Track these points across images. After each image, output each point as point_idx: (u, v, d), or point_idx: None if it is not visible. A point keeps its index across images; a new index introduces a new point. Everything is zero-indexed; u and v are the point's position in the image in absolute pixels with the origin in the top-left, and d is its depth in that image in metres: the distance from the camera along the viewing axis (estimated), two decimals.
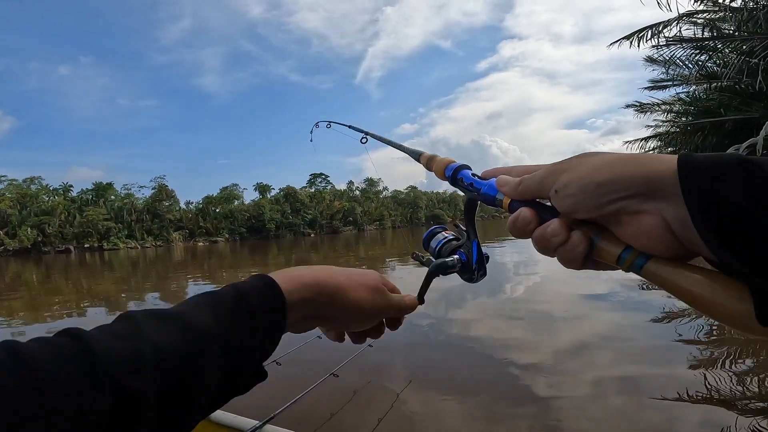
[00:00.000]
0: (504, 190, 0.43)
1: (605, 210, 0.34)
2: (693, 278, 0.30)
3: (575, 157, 0.37)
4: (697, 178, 0.29)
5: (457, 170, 0.51)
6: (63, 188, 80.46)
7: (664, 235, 0.31)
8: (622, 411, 3.27)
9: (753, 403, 3.36)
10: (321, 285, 0.46)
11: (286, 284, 0.44)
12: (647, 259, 0.33)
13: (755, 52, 8.20)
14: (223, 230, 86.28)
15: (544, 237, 0.37)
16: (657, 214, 0.31)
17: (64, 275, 21.41)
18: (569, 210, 0.36)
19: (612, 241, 0.35)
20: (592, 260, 0.37)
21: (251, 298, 0.41)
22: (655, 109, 16.89)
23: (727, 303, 0.29)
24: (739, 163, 0.28)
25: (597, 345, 4.92)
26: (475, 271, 0.51)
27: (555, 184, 0.37)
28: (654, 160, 0.32)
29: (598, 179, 0.34)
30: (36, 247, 66.68)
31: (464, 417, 3.34)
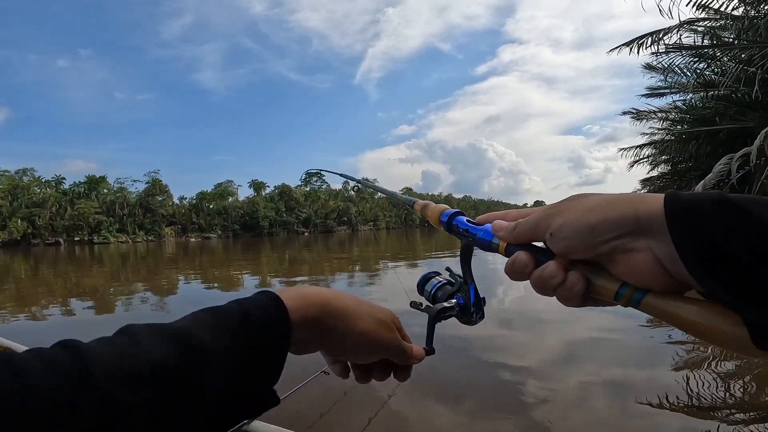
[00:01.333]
0: (500, 235, 0.44)
1: (599, 250, 0.35)
2: (690, 309, 0.32)
3: (567, 199, 0.39)
4: (681, 216, 0.31)
5: (452, 217, 0.53)
6: (55, 180, 79.63)
7: (657, 270, 0.33)
8: (607, 416, 3.31)
9: (736, 410, 3.37)
10: (327, 305, 0.45)
11: (291, 301, 0.43)
12: (645, 294, 0.34)
13: (754, 60, 8.24)
14: (216, 226, 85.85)
15: (542, 278, 0.39)
16: (648, 250, 0.33)
17: (53, 268, 21.14)
18: (565, 251, 0.38)
19: (608, 279, 0.36)
20: (590, 297, 0.38)
21: (254, 315, 0.40)
22: (651, 117, 16.98)
23: (724, 330, 0.30)
24: (719, 201, 0.30)
25: (586, 349, 4.97)
26: (473, 314, 0.52)
27: (549, 227, 0.38)
28: (642, 199, 0.34)
29: (591, 221, 0.35)
30: (25, 239, 65.92)
31: (453, 418, 3.36)
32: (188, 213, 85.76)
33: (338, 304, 0.46)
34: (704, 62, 11.99)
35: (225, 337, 0.38)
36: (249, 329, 0.39)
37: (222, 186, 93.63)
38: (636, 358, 4.61)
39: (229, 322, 0.39)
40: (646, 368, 4.32)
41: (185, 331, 0.37)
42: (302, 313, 0.43)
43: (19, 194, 70.25)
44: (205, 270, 16.89)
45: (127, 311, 8.28)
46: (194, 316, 0.39)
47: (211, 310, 0.40)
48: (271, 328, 0.40)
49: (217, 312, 0.40)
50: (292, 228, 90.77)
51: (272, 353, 0.40)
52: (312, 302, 0.44)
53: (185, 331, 0.37)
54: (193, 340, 0.36)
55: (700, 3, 10.14)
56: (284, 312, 0.41)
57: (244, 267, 17.38)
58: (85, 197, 77.03)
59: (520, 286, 8.95)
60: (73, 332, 6.01)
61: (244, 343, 0.38)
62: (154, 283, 13.02)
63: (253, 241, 58.80)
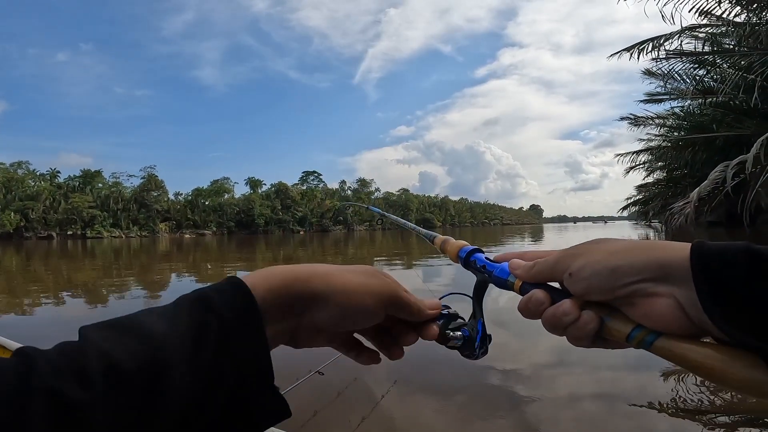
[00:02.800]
0: (517, 273, 0.45)
1: (619, 293, 0.36)
2: (703, 352, 0.33)
3: (588, 242, 0.40)
4: (707, 264, 0.32)
5: (470, 253, 0.54)
6: (50, 174, 79.08)
7: (677, 315, 0.34)
8: (597, 419, 3.36)
9: (724, 414, 3.38)
10: (292, 273, 0.41)
11: (252, 280, 0.39)
12: (657, 336, 0.35)
13: (753, 67, 8.24)
14: (211, 223, 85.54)
15: (555, 316, 0.39)
16: (670, 296, 0.34)
17: (44, 261, 20.94)
18: (583, 292, 0.38)
19: (623, 320, 0.37)
20: (601, 338, 0.39)
21: (213, 296, 0.37)
22: (649, 123, 17.05)
23: (740, 372, 0.31)
24: (746, 251, 0.31)
25: (578, 352, 4.99)
26: (477, 349, 0.52)
27: (569, 267, 0.39)
28: (667, 246, 0.35)
29: (614, 264, 0.36)
30: (18, 232, 65.38)
31: (446, 418, 3.39)
32: (183, 209, 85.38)
33: (306, 269, 0.42)
34: (704, 69, 12.00)
35: (182, 326, 0.34)
36: (209, 314, 0.35)
37: (218, 183, 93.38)
38: (626, 363, 4.62)
39: (187, 310, 0.36)
40: (636, 373, 4.34)
41: (138, 322, 0.34)
42: (267, 288, 0.39)
43: (13, 187, 69.76)
44: (198, 267, 16.77)
45: (117, 306, 8.18)
46: (148, 309, 0.37)
47: (167, 304, 0.38)
48: (234, 308, 0.36)
49: (173, 302, 0.37)
50: (287, 226, 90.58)
51: (244, 339, 0.36)
52: (274, 274, 0.41)
53: (138, 322, 0.34)
54: (146, 328, 0.33)
55: (702, 9, 10.15)
56: (247, 291, 0.38)
57: (239, 264, 17.27)
58: (80, 191, 76.59)
59: None
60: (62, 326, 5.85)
61: (206, 331, 0.34)
62: (147, 279, 12.90)
63: (248, 238, 58.57)
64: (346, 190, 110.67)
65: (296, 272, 0.42)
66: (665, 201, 21.61)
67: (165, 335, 0.33)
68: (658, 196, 25.47)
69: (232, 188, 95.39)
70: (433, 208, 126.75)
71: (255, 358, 0.36)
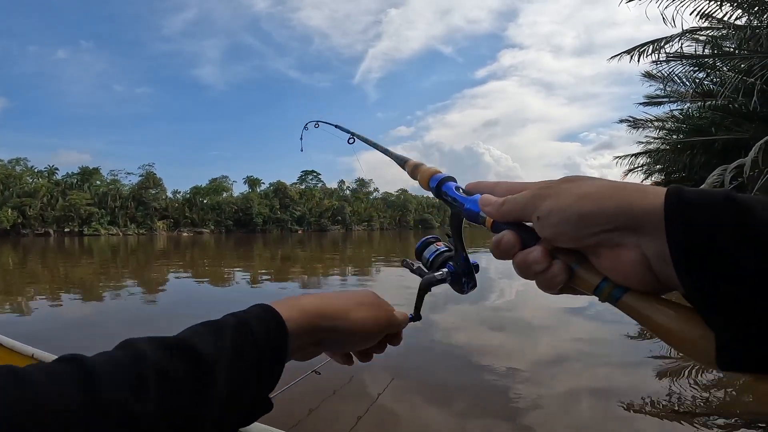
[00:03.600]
0: (487, 210, 0.42)
1: (586, 241, 0.34)
2: (666, 313, 0.31)
3: (560, 181, 0.37)
4: (682, 211, 0.29)
5: (442, 182, 0.51)
6: (48, 171, 78.79)
7: (641, 270, 0.32)
8: (591, 421, 3.37)
9: (716, 416, 3.41)
10: (320, 311, 0.48)
11: (286, 312, 0.45)
12: (624, 292, 0.33)
13: (753, 70, 8.25)
14: (209, 222, 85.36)
15: (525, 262, 0.38)
16: (637, 249, 0.31)
17: (40, 258, 20.85)
18: (550, 237, 0.36)
19: (591, 271, 0.35)
20: (569, 287, 0.37)
21: (254, 326, 0.42)
22: (648, 126, 17.07)
23: (695, 341, 0.29)
24: (726, 201, 0.28)
25: (573, 354, 5.02)
26: (465, 283, 0.52)
27: (537, 210, 0.36)
28: (641, 193, 0.32)
29: (581, 210, 0.33)
30: (15, 229, 65.14)
31: (441, 417, 3.41)
32: (181, 207, 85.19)
33: (328, 308, 0.49)
34: (704, 72, 12.02)
35: (226, 348, 0.39)
36: (249, 340, 0.41)
37: (217, 181, 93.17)
38: (621, 364, 4.63)
39: (229, 333, 0.40)
40: (631, 373, 4.36)
41: (189, 342, 0.38)
42: (298, 322, 0.45)
43: (11, 184, 69.47)
44: (195, 265, 16.71)
45: (114, 305, 8.14)
46: (193, 330, 0.41)
47: (210, 323, 0.42)
48: (270, 339, 0.42)
49: (215, 324, 0.42)
50: (285, 226, 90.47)
51: (272, 363, 0.42)
52: (306, 310, 0.47)
53: (189, 342, 0.38)
54: (196, 348, 0.37)
55: (703, 12, 10.16)
56: (282, 324, 0.44)
57: (237, 264, 17.21)
58: (78, 188, 76.30)
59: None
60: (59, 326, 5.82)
61: (245, 354, 0.40)
62: (144, 277, 12.86)
63: (246, 237, 58.52)
64: (344, 189, 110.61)
65: (324, 309, 0.48)
66: None
67: (211, 355, 0.38)
68: None
69: (230, 187, 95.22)
70: (431, 209, 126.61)
71: (272, 380, 0.43)
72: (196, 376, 0.35)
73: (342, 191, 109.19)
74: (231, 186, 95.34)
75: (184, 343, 0.37)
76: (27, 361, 2.30)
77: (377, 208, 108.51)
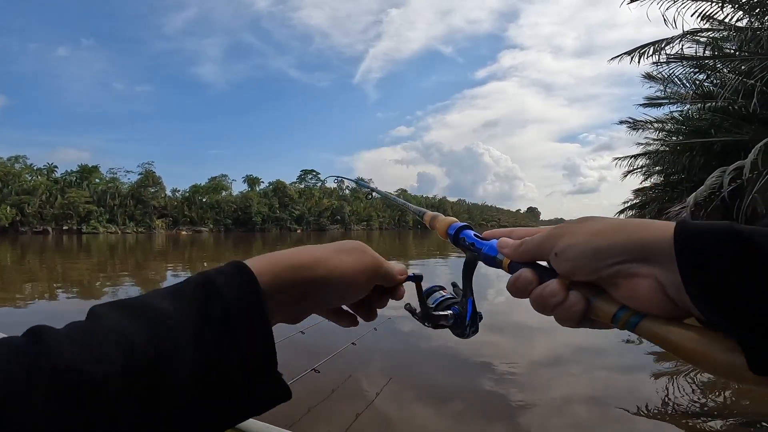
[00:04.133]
0: (505, 252, 0.45)
1: (603, 273, 0.36)
2: (685, 334, 0.33)
3: (574, 221, 0.40)
4: (689, 245, 0.31)
5: (460, 230, 0.55)
6: (47, 168, 78.64)
7: (659, 296, 0.34)
8: (587, 422, 3.40)
9: (712, 418, 3.44)
10: (296, 261, 0.44)
11: (258, 266, 0.40)
12: (641, 318, 0.35)
13: (754, 72, 8.26)
14: (208, 220, 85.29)
15: (543, 296, 0.39)
16: (651, 277, 0.34)
17: (39, 256, 20.82)
18: (568, 272, 0.38)
19: (608, 301, 0.37)
20: (588, 319, 0.39)
21: (217, 281, 0.37)
22: (648, 127, 17.06)
23: (719, 356, 0.31)
24: (729, 232, 0.30)
25: (569, 356, 5.06)
26: (467, 327, 0.53)
27: (555, 247, 0.39)
28: (650, 226, 0.35)
29: (596, 244, 0.36)
30: (13, 227, 65.02)
31: (438, 417, 3.45)
32: (180, 206, 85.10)
33: (305, 256, 0.45)
34: (704, 73, 12.01)
35: (190, 307, 0.35)
36: (213, 297, 0.36)
37: (216, 180, 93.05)
38: (617, 366, 4.65)
39: (192, 292, 0.36)
40: (627, 375, 4.39)
41: (147, 304, 0.35)
42: (271, 275, 0.40)
43: (10, 181, 69.29)
44: (194, 263, 16.69)
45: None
46: (153, 291, 0.37)
47: (173, 285, 0.38)
48: (239, 293, 0.37)
49: (177, 285, 0.38)
50: (284, 225, 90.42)
51: (248, 320, 0.36)
52: (279, 260, 0.43)
53: (147, 304, 0.35)
54: (156, 307, 0.34)
55: (705, 14, 10.17)
56: (252, 278, 0.38)
57: None
58: (77, 186, 76.17)
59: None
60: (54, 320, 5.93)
61: (210, 314, 0.35)
62: (142, 275, 12.84)
63: (245, 236, 58.51)
64: (344, 189, 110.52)
65: (300, 259, 0.44)
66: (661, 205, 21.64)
67: (172, 317, 0.34)
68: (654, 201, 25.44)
69: (230, 186, 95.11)
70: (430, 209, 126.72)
71: (258, 342, 0.36)
72: (157, 339, 0.32)
73: (341, 191, 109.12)
74: (230, 185, 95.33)
75: (144, 303, 0.35)
76: None
77: (376, 208, 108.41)
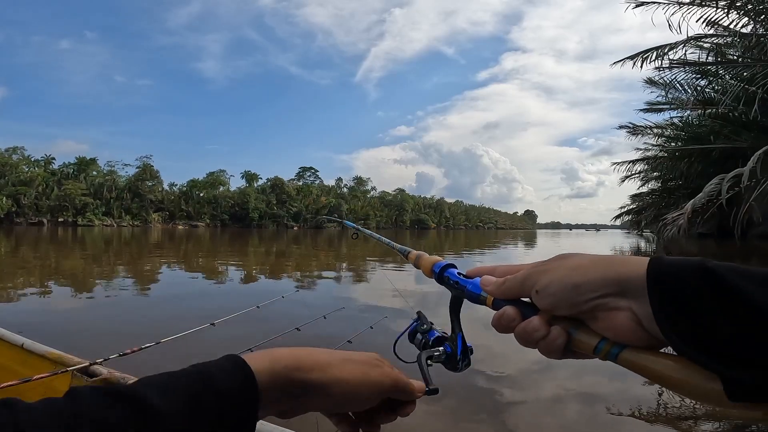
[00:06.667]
0: (488, 290, 0.47)
1: (582, 307, 0.38)
2: (665, 364, 0.35)
3: (554, 259, 0.42)
4: (662, 282, 0.34)
5: (444, 269, 0.55)
6: (45, 160, 78.22)
7: (636, 328, 0.36)
8: (577, 424, 3.42)
9: (700, 423, 3.45)
10: (296, 362, 0.43)
11: (256, 363, 0.40)
12: (621, 349, 0.37)
13: (756, 79, 8.22)
14: (204, 215, 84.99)
15: (526, 332, 0.41)
16: (628, 309, 0.36)
17: (33, 247, 20.67)
18: (549, 308, 0.40)
19: (588, 334, 0.39)
20: (571, 350, 0.41)
21: (215, 376, 0.37)
22: (647, 132, 17.05)
23: (698, 384, 0.33)
24: (699, 269, 0.32)
25: (560, 365, 5.07)
26: (459, 362, 0.54)
27: (536, 284, 0.41)
28: (625, 262, 0.37)
29: (575, 280, 0.38)
30: (8, 217, 64.64)
31: (433, 417, 3.47)
32: (177, 200, 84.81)
33: (306, 359, 0.44)
34: (706, 79, 11.97)
35: (178, 400, 0.35)
36: (209, 391, 0.36)
37: (214, 175, 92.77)
38: (608, 368, 4.61)
39: (185, 384, 0.36)
40: (618, 378, 4.38)
41: (131, 392, 0.34)
42: (270, 373, 0.41)
43: (7, 172, 68.89)
44: (189, 258, 16.60)
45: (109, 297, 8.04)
46: (146, 378, 0.37)
47: (167, 373, 0.37)
48: (234, 391, 0.37)
49: (171, 374, 0.37)
50: (281, 221, 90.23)
51: (239, 418, 0.37)
52: (278, 361, 0.42)
53: (131, 392, 0.34)
54: (138, 401, 0.33)
55: (710, 19, 10.11)
56: (250, 375, 0.39)
57: (231, 258, 17.09)
58: (74, 178, 75.79)
59: None
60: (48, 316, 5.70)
61: (202, 406, 0.35)
62: (134, 269, 12.74)
63: (241, 232, 58.28)
64: (342, 187, 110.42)
65: (300, 361, 0.43)
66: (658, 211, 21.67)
67: (157, 408, 0.33)
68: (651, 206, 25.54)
69: (227, 181, 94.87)
70: (428, 210, 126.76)
71: None
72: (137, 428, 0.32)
73: (339, 189, 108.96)
74: (228, 180, 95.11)
75: (128, 391, 0.34)
76: (17, 350, 2.26)
77: (374, 207, 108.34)
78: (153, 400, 0.34)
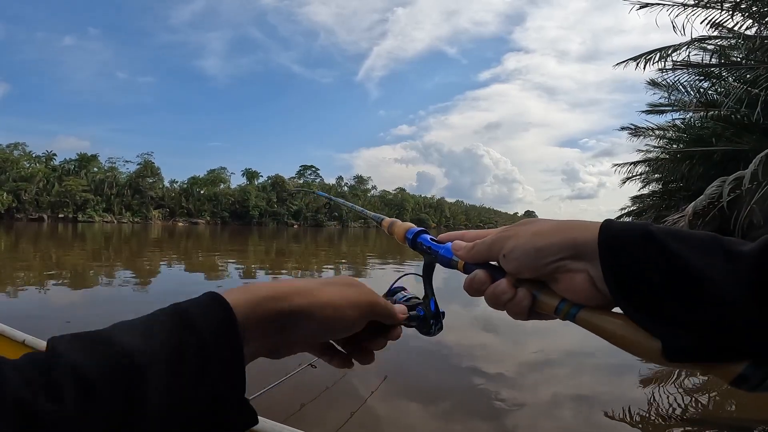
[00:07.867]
0: (459, 254, 0.48)
1: (544, 270, 0.40)
2: (615, 323, 0.37)
3: (519, 224, 0.44)
4: (609, 244, 0.36)
5: (417, 234, 0.57)
6: (46, 156, 78.24)
7: (592, 289, 0.38)
8: (573, 427, 3.44)
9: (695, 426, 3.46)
10: (275, 292, 0.41)
11: (235, 297, 0.39)
12: (579, 309, 0.39)
13: (759, 81, 8.23)
14: (205, 212, 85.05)
15: (495, 294, 0.43)
16: (585, 272, 0.38)
17: (32, 243, 20.69)
18: (515, 271, 0.42)
19: (550, 295, 0.41)
20: (535, 312, 0.42)
21: (192, 313, 0.36)
22: (649, 134, 17.02)
23: (641, 343, 0.35)
24: (642, 234, 0.35)
25: (560, 359, 5.11)
26: (432, 326, 0.55)
27: (503, 249, 0.43)
28: (582, 227, 0.39)
29: (537, 244, 0.40)
30: (9, 213, 64.68)
31: (431, 417, 3.50)
32: (178, 197, 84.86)
33: (285, 287, 0.42)
34: (708, 81, 11.97)
35: (158, 337, 0.33)
36: (187, 328, 0.34)
37: (215, 172, 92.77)
38: (604, 371, 4.67)
39: (161, 321, 0.35)
40: (613, 381, 4.42)
41: (106, 336, 0.33)
42: (248, 306, 0.39)
43: (8, 168, 68.89)
44: (189, 255, 16.61)
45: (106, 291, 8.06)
46: (121, 322, 0.35)
47: (143, 316, 0.36)
48: (213, 326, 0.35)
49: (147, 316, 0.36)
50: (282, 219, 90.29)
51: (223, 354, 0.35)
52: (256, 293, 0.40)
53: (106, 336, 0.33)
54: (115, 344, 0.32)
55: (714, 21, 10.12)
56: (227, 308, 0.37)
57: (230, 254, 17.11)
58: (75, 174, 75.81)
59: None
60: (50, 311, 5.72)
61: (183, 345, 0.34)
62: (134, 265, 12.75)
63: (241, 229, 58.35)
64: (342, 186, 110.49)
65: (278, 289, 0.41)
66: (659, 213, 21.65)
67: (138, 349, 0.32)
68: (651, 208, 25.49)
69: (228, 178, 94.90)
70: (428, 209, 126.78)
71: (231, 376, 0.35)
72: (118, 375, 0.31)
73: (340, 187, 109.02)
74: (229, 178, 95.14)
75: (103, 338, 0.33)
76: (18, 346, 2.25)
77: (374, 206, 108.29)
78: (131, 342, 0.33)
